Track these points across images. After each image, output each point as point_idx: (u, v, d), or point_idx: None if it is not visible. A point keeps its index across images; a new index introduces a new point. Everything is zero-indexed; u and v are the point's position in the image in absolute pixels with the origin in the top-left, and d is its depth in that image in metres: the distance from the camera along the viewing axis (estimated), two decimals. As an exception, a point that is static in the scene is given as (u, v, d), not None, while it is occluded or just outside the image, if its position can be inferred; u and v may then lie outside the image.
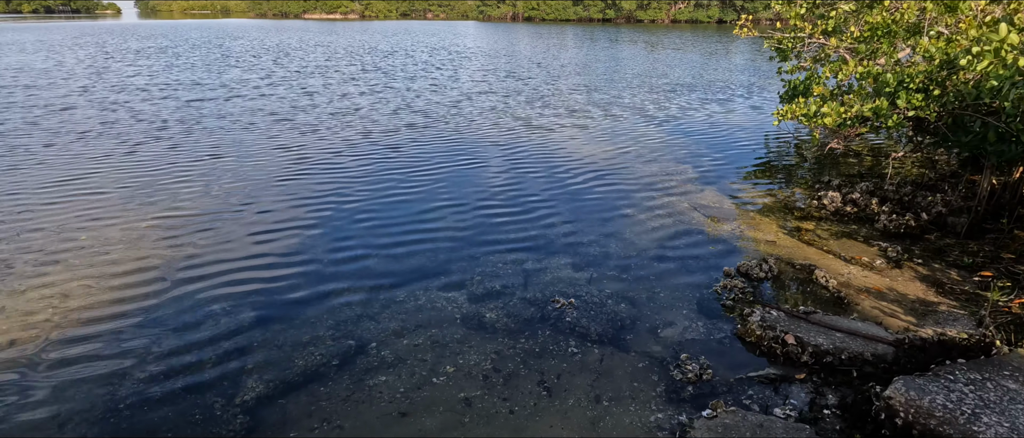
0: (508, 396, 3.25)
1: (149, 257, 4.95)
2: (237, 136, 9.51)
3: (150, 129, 9.99)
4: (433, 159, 8.20)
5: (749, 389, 3.28)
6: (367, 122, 10.71)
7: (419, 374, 3.44)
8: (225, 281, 4.53)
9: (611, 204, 6.38)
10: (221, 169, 7.60)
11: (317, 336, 3.81)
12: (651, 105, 12.86)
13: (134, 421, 3.02)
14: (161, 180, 7.13)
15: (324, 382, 3.36)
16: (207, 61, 21.55)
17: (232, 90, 14.48)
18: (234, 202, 6.35)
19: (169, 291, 4.37)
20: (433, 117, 11.23)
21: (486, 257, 5.01)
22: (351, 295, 4.35)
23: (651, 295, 4.38)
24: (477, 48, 29.31)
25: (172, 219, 5.81)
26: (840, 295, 4.27)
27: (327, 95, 13.89)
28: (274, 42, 33.00)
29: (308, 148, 8.79)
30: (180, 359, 3.53)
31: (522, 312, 4.11)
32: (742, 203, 6.46)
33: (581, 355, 3.62)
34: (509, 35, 41.28)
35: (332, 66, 20.31)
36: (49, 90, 14.31)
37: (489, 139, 9.47)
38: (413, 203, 6.37)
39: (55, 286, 4.42)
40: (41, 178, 7.16)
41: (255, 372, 3.42)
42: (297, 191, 6.76)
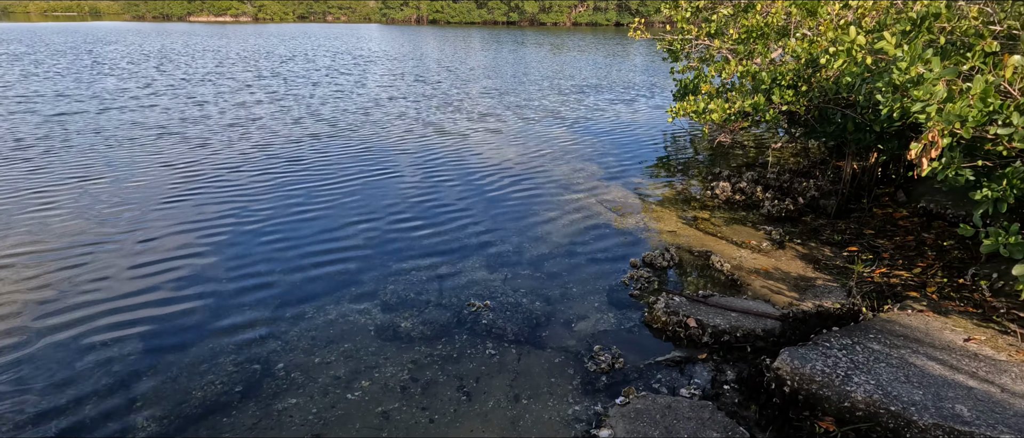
0: (427, 405, 3.21)
1: (7, 299, 4.37)
2: (114, 153, 8.66)
3: (2, 148, 8.85)
4: (340, 170, 7.92)
5: (657, 373, 3.46)
6: (267, 133, 10.15)
7: (332, 392, 3.30)
8: (105, 317, 4.10)
9: (524, 205, 6.48)
10: (95, 192, 6.87)
11: (217, 364, 3.55)
12: (559, 106, 13.22)
13: (-2, 481, 2.66)
14: (20, 209, 6.33)
15: (227, 412, 3.13)
16: (74, 69, 19.41)
17: (106, 101, 13.15)
18: (113, 229, 5.76)
19: (35, 335, 3.89)
20: (339, 125, 10.85)
21: (399, 266, 4.91)
22: (254, 317, 4.09)
23: (564, 291, 4.49)
24: (382, 52, 28.69)
25: (36, 253, 5.18)
26: (734, 277, 4.62)
27: (220, 105, 13.00)
28: (155, 47, 30.35)
29: (200, 164, 8.17)
30: (54, 404, 3.15)
31: (438, 318, 4.08)
32: (645, 197, 6.80)
33: (499, 356, 3.65)
34: (415, 38, 40.79)
35: (224, 72, 19.03)
36: None
37: (400, 147, 9.30)
38: (320, 217, 6.12)
39: None
40: None
41: (145, 409, 3.13)
42: (188, 212, 6.26)
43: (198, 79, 17.30)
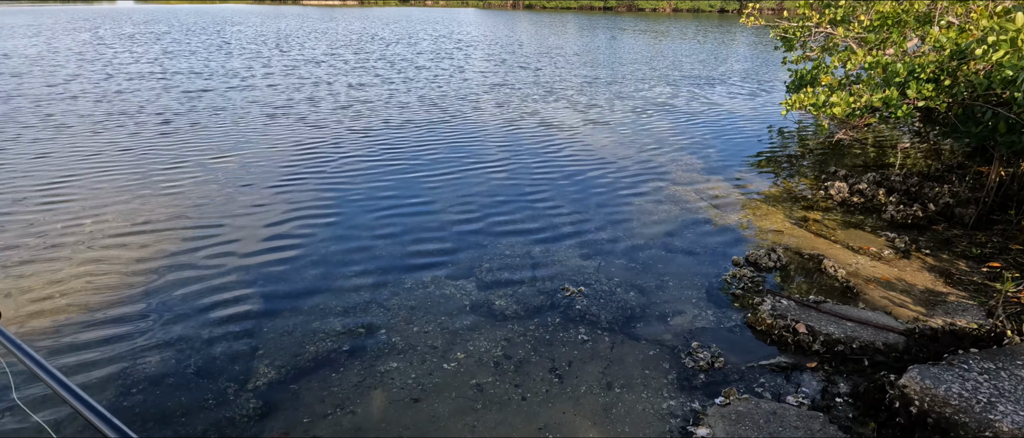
0: (520, 383, 3.25)
1: (152, 245, 4.93)
2: (241, 126, 9.47)
3: (153, 118, 9.94)
4: (443, 152, 8.16)
5: (761, 377, 3.28)
6: (376, 115, 10.66)
7: (430, 361, 3.44)
8: (230, 269, 4.52)
9: (619, 195, 6.36)
10: (225, 158, 7.57)
11: (327, 323, 3.80)
12: (657, 95, 12.80)
13: (147, 405, 3.02)
14: (163, 169, 7.10)
15: (335, 368, 3.35)
16: (206, 49, 21.39)
17: (232, 81, 14.40)
18: (239, 190, 6.32)
19: (173, 279, 4.36)
20: (444, 110, 11.17)
21: (494, 247, 4.99)
22: (359, 283, 4.33)
23: (660, 284, 4.37)
24: (481, 37, 29.11)
25: (176, 208, 5.79)
26: (849, 285, 4.27)
27: (333, 87, 13.81)
28: (273, 29, 32.75)
29: (315, 138, 8.74)
30: (190, 345, 3.53)
31: (531, 300, 4.11)
32: (748, 193, 6.44)
33: (591, 343, 3.62)
34: (511, 24, 40.99)
35: (336, 55, 20.18)
36: (41, 78, 14.21)
37: (500, 132, 9.43)
38: (421, 196, 6.35)
39: (62, 271, 4.41)
40: (44, 167, 7.12)
41: (266, 358, 3.42)
42: (304, 181, 6.73)
43: (312, 61, 18.47)
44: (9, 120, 9.55)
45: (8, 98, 11.30)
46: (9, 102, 11.01)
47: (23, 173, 6.78)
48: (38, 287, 4.17)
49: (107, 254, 4.71)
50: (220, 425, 2.89)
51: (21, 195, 6.03)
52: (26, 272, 4.38)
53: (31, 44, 23.15)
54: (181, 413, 2.96)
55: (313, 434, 2.85)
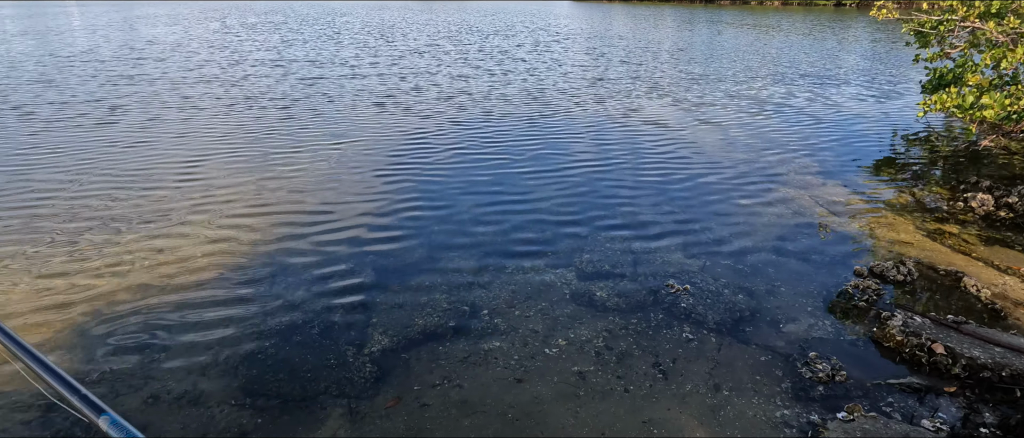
0: (622, 375, 3.22)
1: (274, 221, 5.36)
2: (352, 113, 10.05)
3: (274, 103, 10.79)
4: (542, 142, 8.22)
5: (888, 396, 3.03)
6: (476, 104, 10.92)
7: (532, 344, 3.48)
8: (344, 245, 4.82)
9: (727, 194, 6.09)
10: (338, 143, 8.07)
11: (433, 299, 3.96)
12: (771, 94, 12.09)
13: (279, 358, 3.30)
14: (283, 152, 7.69)
15: (442, 342, 3.49)
16: (319, 38, 22.87)
17: (344, 68, 15.29)
18: (350, 173, 6.73)
19: (294, 251, 4.72)
20: (542, 101, 11.23)
21: (594, 238, 4.96)
22: (462, 265, 4.47)
23: (771, 288, 4.15)
24: (579, 30, 28.89)
25: (294, 188, 6.26)
26: (995, 306, 3.83)
27: (436, 76, 14.30)
28: (377, 21, 34.38)
29: (421, 127, 9.11)
30: (312, 310, 3.81)
31: (633, 294, 4.05)
32: (870, 199, 5.94)
33: (697, 342, 3.51)
34: (608, 17, 40.32)
35: (437, 47, 20.85)
36: (179, 63, 15.84)
37: (599, 125, 9.34)
38: (520, 183, 6.44)
39: (195, 242, 4.91)
40: (179, 146, 7.96)
41: (379, 327, 3.62)
42: (410, 167, 7.04)
43: (415, 52, 19.22)
44: (153, 101, 10.77)
45: (152, 81, 12.72)
46: (153, 85, 12.39)
47: (162, 152, 7.62)
48: (179, 252, 4.68)
49: (234, 226, 5.20)
50: (341, 383, 3.10)
51: (159, 173, 6.78)
52: (166, 244, 4.93)
53: (171, 32, 25.90)
54: (308, 369, 3.21)
55: (423, 402, 2.99)
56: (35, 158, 7.09)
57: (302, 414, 2.90)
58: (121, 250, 4.61)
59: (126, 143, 7.75)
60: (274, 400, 2.99)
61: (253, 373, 3.18)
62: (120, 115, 9.39)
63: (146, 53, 17.97)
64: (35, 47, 19.67)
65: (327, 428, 2.81)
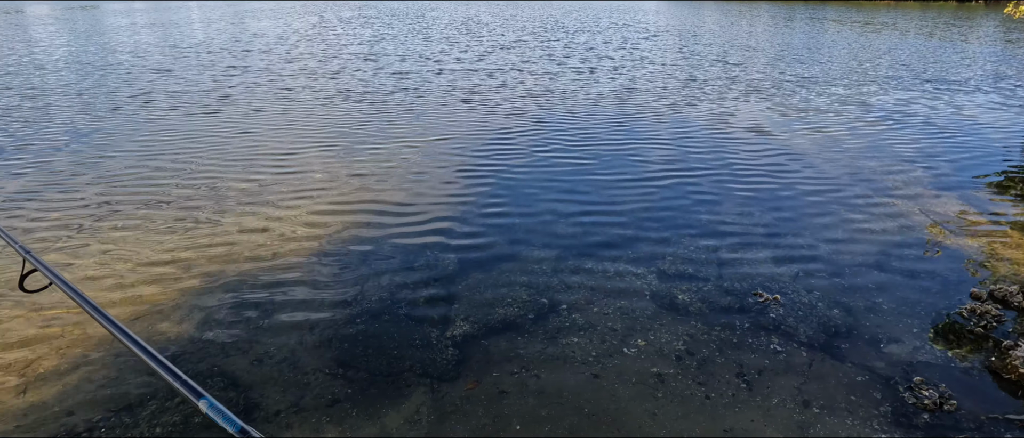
0: (703, 381, 3.14)
1: (366, 207, 5.65)
2: (442, 108, 10.38)
3: (368, 96, 11.33)
4: (626, 141, 8.12)
5: (1007, 433, 2.75)
6: (562, 101, 10.94)
7: (610, 342, 3.47)
8: (429, 232, 5.01)
9: (821, 201, 5.74)
10: (426, 135, 8.37)
11: (513, 291, 4.03)
12: (878, 98, 11.22)
13: (368, 333, 3.50)
14: (376, 144, 8.07)
15: (521, 333, 3.55)
16: (409, 32, 23.71)
17: (433, 63, 15.77)
18: (438, 166, 6.95)
19: (383, 236, 4.95)
20: (630, 101, 11.08)
21: (678, 240, 4.84)
22: (543, 258, 4.51)
23: (871, 305, 3.87)
24: (668, 27, 28.09)
25: (386, 178, 6.56)
26: None
27: (522, 72, 14.44)
28: (463, 15, 35.10)
29: (507, 122, 9.26)
30: (400, 292, 4.00)
31: (718, 299, 3.92)
32: (993, 218, 5.38)
33: (786, 355, 3.35)
34: (698, 14, 38.87)
35: (523, 43, 21.02)
36: (281, 54, 16.93)
37: (691, 125, 9.09)
38: (605, 181, 6.39)
39: (298, 218, 5.27)
40: (279, 137, 8.55)
41: (461, 313, 3.74)
42: (495, 161, 7.18)
43: (502, 48, 19.47)
44: (257, 92, 11.62)
45: (257, 73, 13.72)
46: (257, 76, 13.37)
47: (263, 140, 8.22)
48: (278, 233, 5.05)
49: (328, 211, 5.53)
50: (424, 363, 3.24)
51: (261, 160, 7.32)
52: (267, 225, 5.33)
53: (274, 26, 27.80)
54: (394, 347, 3.38)
55: (501, 388, 3.06)
56: (153, 143, 7.89)
57: (388, 388, 3.06)
58: (227, 229, 5.04)
59: (233, 131, 8.44)
60: (363, 373, 3.17)
61: (344, 346, 3.39)
62: (228, 105, 10.23)
63: (251, 46, 19.42)
64: (159, 39, 21.80)
65: (411, 403, 2.94)
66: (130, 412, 2.86)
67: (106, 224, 5.05)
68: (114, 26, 27.84)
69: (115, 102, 10.20)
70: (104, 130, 8.31)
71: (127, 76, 13.06)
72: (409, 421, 2.83)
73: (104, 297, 3.87)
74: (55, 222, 5.09)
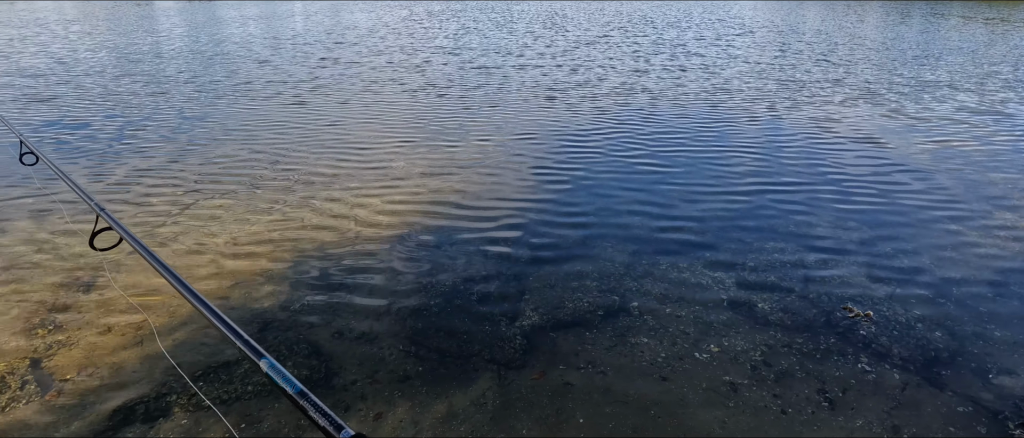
0: (780, 394, 2.98)
1: (447, 193, 5.81)
2: (525, 104, 10.47)
3: (453, 91, 11.61)
4: (719, 142, 7.85)
5: None
6: (649, 98, 10.74)
7: (681, 345, 3.38)
8: (506, 222, 5.08)
9: (933, 216, 5.26)
10: (506, 128, 8.48)
11: (584, 286, 4.01)
12: (1009, 103, 10.09)
13: (440, 316, 3.62)
14: (459, 135, 8.27)
15: (589, 328, 3.54)
16: (494, 26, 24.00)
17: (517, 58, 15.90)
18: (516, 157, 7.03)
19: (462, 223, 5.08)
20: (721, 101, 10.68)
21: (760, 245, 4.62)
22: (615, 255, 4.46)
23: (980, 330, 3.51)
24: (765, 24, 26.63)
25: (467, 170, 6.72)
26: None
27: (606, 70, 14.29)
28: (548, 9, 35.03)
29: (588, 117, 9.22)
30: (472, 277, 4.10)
31: (802, 311, 3.71)
32: None
33: (875, 376, 3.12)
34: (800, 10, 36.47)
35: (608, 38, 20.73)
36: (370, 47, 17.66)
37: (786, 128, 8.64)
38: (687, 181, 6.21)
39: (379, 204, 5.52)
40: (365, 130, 8.95)
41: (531, 305, 3.78)
42: (574, 156, 7.17)
43: (587, 43, 19.30)
44: (345, 82, 12.22)
45: (349, 65, 14.41)
46: (347, 68, 14.05)
47: (352, 129, 8.64)
48: (361, 216, 5.30)
49: (409, 198, 5.74)
50: (492, 349, 3.31)
51: (348, 147, 7.70)
52: (351, 209, 5.61)
53: (367, 19, 29.09)
54: (464, 331, 3.48)
55: (566, 381, 3.07)
56: (252, 129, 8.52)
57: (456, 370, 3.15)
58: (315, 212, 5.37)
59: (323, 121, 8.95)
60: (434, 353, 3.29)
61: (418, 326, 3.53)
62: (319, 96, 10.83)
63: (343, 38, 20.43)
64: (263, 30, 23.44)
65: (477, 387, 3.02)
66: (226, 370, 3.13)
67: (208, 202, 5.54)
68: (226, 18, 30.26)
69: (220, 90, 11.10)
70: (210, 116, 9.08)
71: (231, 66, 14.17)
72: (475, 404, 2.91)
73: (203, 269, 4.25)
74: (163, 198, 5.65)
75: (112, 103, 9.75)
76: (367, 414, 2.83)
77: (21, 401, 2.91)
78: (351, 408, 2.87)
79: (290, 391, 0.90)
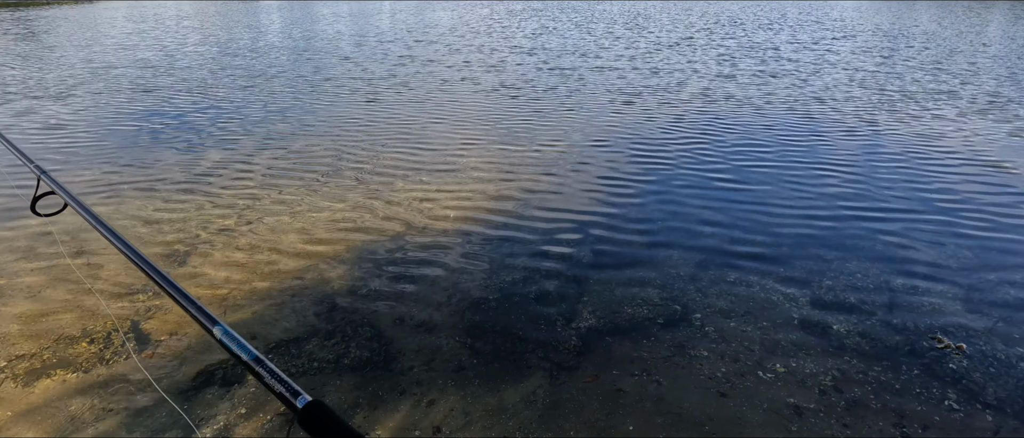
0: (849, 424, 2.79)
1: (514, 192, 5.87)
2: (597, 103, 10.38)
3: (528, 92, 11.68)
4: (806, 151, 7.44)
5: None
6: (733, 105, 10.36)
7: (744, 362, 3.23)
8: (570, 223, 5.07)
9: (1043, 242, 4.72)
10: (579, 131, 8.44)
11: (645, 292, 3.93)
12: None
13: (498, 311, 3.67)
14: (529, 133, 8.32)
15: (647, 335, 3.46)
16: (573, 26, 23.88)
17: (596, 60, 15.75)
18: (586, 160, 6.99)
19: (525, 222, 5.11)
20: (817, 109, 10.12)
21: (839, 264, 4.33)
22: (680, 263, 4.33)
23: (1097, 377, 3.11)
24: (873, 27, 24.77)
25: (534, 164, 6.75)
26: None
27: (691, 73, 13.89)
28: (631, 9, 34.38)
29: (665, 123, 9.02)
30: (532, 275, 4.12)
31: (882, 337, 3.44)
32: None
33: (964, 415, 2.84)
34: (911, 12, 33.63)
35: (692, 41, 20.11)
36: (448, 46, 18.03)
37: (888, 140, 8.06)
38: (764, 193, 5.93)
39: (447, 200, 5.65)
40: (441, 120, 9.18)
41: (589, 305, 3.75)
42: (646, 160, 7.03)
43: (669, 46, 18.81)
44: (423, 79, 12.56)
45: (426, 63, 14.81)
46: (427, 66, 14.44)
47: (428, 126, 8.88)
48: (429, 209, 5.45)
49: (476, 195, 5.84)
50: (546, 347, 3.32)
51: (422, 143, 7.91)
52: (420, 202, 5.78)
53: (448, 17, 29.79)
54: (520, 327, 3.51)
55: (619, 387, 3.02)
56: (335, 122, 8.97)
57: (510, 365, 3.19)
58: (386, 202, 5.59)
59: (400, 117, 9.28)
60: (488, 346, 3.34)
61: (475, 319, 3.59)
62: (397, 92, 11.24)
63: (424, 36, 21.04)
64: (350, 28, 24.61)
65: (529, 384, 3.04)
66: (296, 345, 3.34)
67: (286, 189, 5.90)
68: (319, 15, 32.05)
69: (304, 86, 11.76)
70: (290, 111, 9.65)
71: (317, 62, 14.96)
72: (525, 400, 2.93)
73: (280, 250, 4.54)
74: (253, 184, 6.07)
75: (206, 96, 10.57)
76: (421, 399, 2.92)
77: (122, 357, 3.24)
78: (406, 392, 2.98)
79: (245, 358, 0.89)
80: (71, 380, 3.05)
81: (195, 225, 4.94)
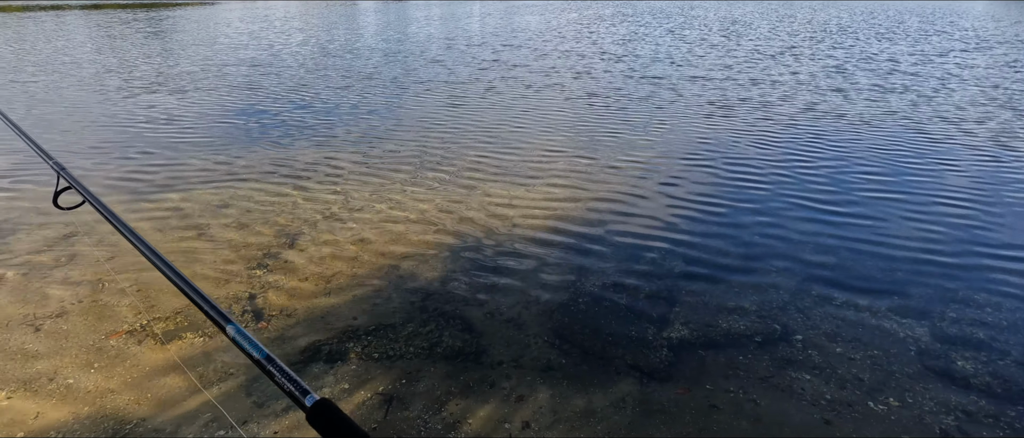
0: (978, 471, 2.53)
1: (606, 197, 5.81)
2: (690, 113, 10.08)
3: (615, 100, 11.55)
4: (923, 171, 6.88)
5: None
6: (842, 120, 9.75)
7: (852, 391, 3.02)
8: (662, 231, 4.95)
9: None
10: (671, 138, 8.23)
11: (741, 307, 3.77)
12: None
13: (588, 316, 3.66)
14: (618, 140, 8.22)
15: (743, 353, 3.31)
16: (666, 33, 23.31)
17: (690, 69, 15.31)
18: (679, 167, 6.81)
19: (617, 228, 5.05)
20: (934, 126, 9.33)
21: (966, 294, 3.93)
22: (781, 282, 4.11)
23: None
24: (1006, 36, 22.31)
25: (624, 177, 6.65)
26: None
27: (794, 87, 13.22)
28: (729, 16, 33.03)
29: (765, 133, 8.63)
30: (622, 282, 4.07)
31: (1017, 378, 3.09)
32: None
33: (1121, 477, 2.49)
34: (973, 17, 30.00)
35: (796, 50, 19.06)
36: (535, 50, 18.09)
37: (1013, 162, 7.29)
38: (876, 210, 5.52)
39: (537, 200, 5.69)
40: (529, 124, 9.24)
41: (681, 317, 3.64)
42: (743, 172, 6.76)
43: (770, 56, 17.92)
44: (512, 83, 12.69)
45: (513, 67, 14.93)
46: (514, 70, 14.60)
47: (516, 127, 8.96)
48: (520, 207, 5.51)
49: (567, 198, 5.84)
50: (636, 355, 3.27)
51: (511, 144, 8.00)
52: (512, 200, 5.85)
53: (537, 21, 29.98)
54: (609, 332, 3.47)
55: (713, 403, 2.92)
56: (426, 124, 9.26)
57: (599, 369, 3.16)
58: (477, 200, 5.71)
59: (488, 119, 9.44)
60: (576, 349, 3.33)
61: (564, 320, 3.60)
62: (486, 96, 11.45)
63: (512, 40, 21.29)
64: (441, 31, 25.36)
65: (618, 390, 3.00)
66: (393, 330, 3.50)
67: (381, 187, 6.18)
68: (413, 17, 33.36)
69: (395, 87, 12.19)
70: (380, 111, 10.10)
71: (408, 63, 15.52)
72: (614, 406, 2.89)
73: (380, 244, 4.76)
74: (349, 181, 6.41)
75: (302, 95, 11.18)
76: (510, 394, 2.96)
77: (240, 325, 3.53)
78: (496, 385, 3.03)
79: (257, 356, 0.90)
80: (198, 343, 3.37)
81: (297, 215, 5.29)
